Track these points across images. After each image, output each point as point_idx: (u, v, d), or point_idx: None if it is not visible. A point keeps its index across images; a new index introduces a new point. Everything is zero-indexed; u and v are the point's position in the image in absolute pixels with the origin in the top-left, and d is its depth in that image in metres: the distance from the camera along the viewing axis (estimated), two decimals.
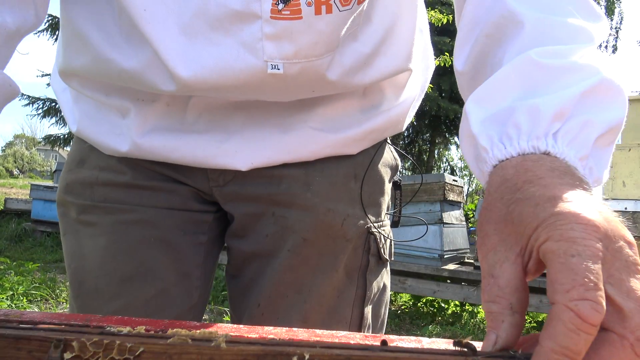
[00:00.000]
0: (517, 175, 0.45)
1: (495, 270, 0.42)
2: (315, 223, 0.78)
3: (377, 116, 0.81)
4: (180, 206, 0.80)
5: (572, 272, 0.36)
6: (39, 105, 12.85)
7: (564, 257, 0.37)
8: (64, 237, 0.84)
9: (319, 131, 0.77)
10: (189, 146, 0.75)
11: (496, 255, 0.42)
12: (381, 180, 0.86)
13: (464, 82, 0.67)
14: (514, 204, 0.43)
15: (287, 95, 0.72)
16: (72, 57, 0.73)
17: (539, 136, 0.48)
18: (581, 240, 0.37)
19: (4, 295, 4.17)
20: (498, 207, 0.44)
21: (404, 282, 4.56)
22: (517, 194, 0.43)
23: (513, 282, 0.41)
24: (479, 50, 0.63)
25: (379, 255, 0.84)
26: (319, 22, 0.63)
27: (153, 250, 0.78)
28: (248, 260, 0.83)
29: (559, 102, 0.48)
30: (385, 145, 0.88)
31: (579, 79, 0.50)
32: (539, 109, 0.48)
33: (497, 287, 0.41)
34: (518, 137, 0.48)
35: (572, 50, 0.53)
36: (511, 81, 0.52)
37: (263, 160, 0.76)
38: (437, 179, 4.49)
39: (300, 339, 0.53)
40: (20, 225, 7.55)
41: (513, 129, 0.49)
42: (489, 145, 0.50)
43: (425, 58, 0.90)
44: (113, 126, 0.78)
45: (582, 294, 0.35)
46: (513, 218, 0.42)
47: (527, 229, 0.41)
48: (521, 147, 0.48)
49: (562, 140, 0.48)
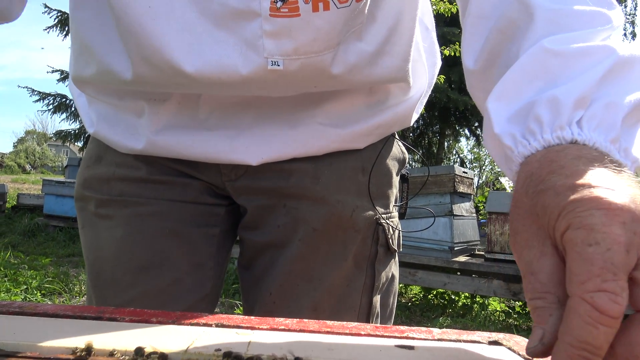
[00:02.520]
0: (541, 168, 0.44)
1: (533, 267, 0.41)
2: (325, 214, 0.80)
3: (383, 112, 0.82)
4: (194, 199, 0.83)
5: (588, 262, 0.35)
6: (50, 101, 12.95)
7: (580, 246, 0.36)
8: (82, 230, 0.87)
9: (326, 126, 0.79)
10: (202, 143, 0.77)
11: (531, 251, 0.42)
12: (389, 173, 0.87)
13: (474, 80, 0.66)
14: (537, 196, 0.42)
15: (288, 90, 0.73)
16: (82, 67, 0.75)
17: (562, 126, 0.47)
18: (600, 227, 0.36)
19: (18, 289, 4.22)
20: (524, 202, 0.44)
21: (414, 274, 4.56)
22: (540, 185, 0.43)
23: (555, 275, 0.40)
24: (491, 47, 0.62)
25: (387, 246, 0.85)
26: (317, 19, 0.64)
27: (167, 241, 0.80)
28: (260, 251, 0.85)
29: (579, 89, 0.48)
30: (393, 140, 0.89)
31: (596, 61, 0.49)
32: (558, 99, 0.48)
33: (540, 283, 0.40)
34: (541, 131, 0.48)
35: (586, 34, 0.52)
36: (527, 74, 0.52)
37: (273, 155, 0.78)
38: (447, 170, 4.48)
39: (312, 330, 0.53)
40: (33, 220, 7.63)
41: (535, 123, 0.48)
42: (513, 144, 0.49)
43: (432, 55, 0.90)
44: (128, 126, 0.81)
45: (598, 285, 0.34)
46: (537, 211, 0.42)
47: (550, 219, 0.40)
48: (545, 140, 0.47)
49: (587, 126, 0.47)
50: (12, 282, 4.43)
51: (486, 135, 0.55)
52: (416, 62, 0.83)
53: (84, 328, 0.48)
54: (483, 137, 0.57)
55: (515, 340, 0.54)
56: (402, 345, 0.49)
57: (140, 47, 0.65)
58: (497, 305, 4.64)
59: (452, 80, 11.62)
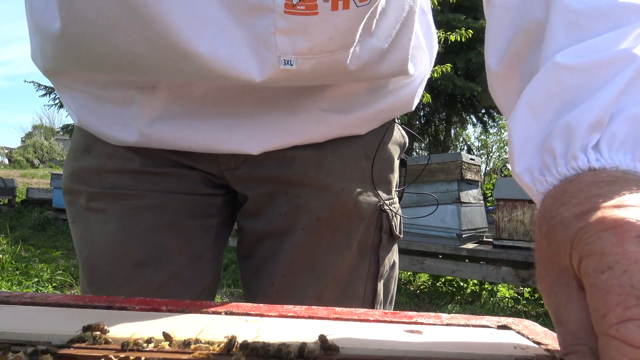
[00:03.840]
0: (554, 203, 0.40)
1: (561, 316, 0.37)
2: (329, 202, 0.79)
3: (385, 97, 0.81)
4: (190, 190, 0.81)
5: (605, 292, 0.31)
6: (56, 95, 12.98)
7: (594, 275, 0.32)
8: (73, 224, 0.84)
9: (327, 112, 0.77)
10: (200, 133, 0.75)
11: (557, 298, 0.38)
12: (391, 158, 0.86)
13: (496, 82, 0.61)
14: (549, 233, 0.38)
15: (295, 85, 0.71)
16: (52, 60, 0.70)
17: (575, 155, 0.42)
18: (611, 249, 0.32)
19: (29, 282, 4.27)
20: (540, 244, 0.40)
21: (422, 262, 4.56)
22: (550, 221, 0.39)
23: (586, 321, 0.35)
24: (516, 48, 0.56)
25: (390, 232, 0.85)
26: (336, 17, 0.61)
27: (164, 234, 0.78)
28: (261, 239, 0.83)
29: (593, 110, 0.43)
30: (394, 124, 0.88)
31: (614, 73, 0.44)
32: (570, 125, 0.43)
33: (570, 334, 0.36)
34: (555, 164, 0.44)
35: (610, 39, 0.46)
36: (542, 98, 0.47)
37: (274, 144, 0.76)
38: (454, 157, 4.46)
39: (320, 316, 0.53)
40: (43, 214, 7.70)
41: (549, 156, 0.44)
42: (531, 182, 0.46)
43: (429, 38, 0.88)
44: (116, 117, 0.77)
45: (621, 315, 0.30)
46: (553, 250, 0.38)
47: (565, 256, 0.36)
48: (560, 173, 0.43)
49: (607, 148, 0.42)
50: (24, 275, 4.48)
51: (512, 171, 0.50)
52: (416, 47, 0.82)
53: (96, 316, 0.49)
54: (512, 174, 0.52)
55: (524, 324, 0.54)
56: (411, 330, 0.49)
57: (144, 30, 0.61)
58: (506, 292, 4.64)
59: (459, 67, 11.53)
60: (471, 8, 11.01)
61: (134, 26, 0.61)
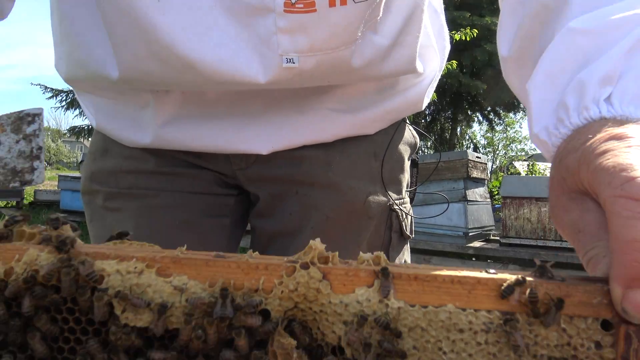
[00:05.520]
0: (566, 147, 0.45)
1: (579, 225, 0.41)
2: (338, 201, 0.80)
3: (394, 96, 0.81)
4: (204, 190, 0.83)
5: (608, 167, 0.35)
6: (63, 98, 13.07)
7: (594, 160, 0.36)
8: (90, 223, 0.87)
9: (336, 112, 0.78)
10: (211, 134, 0.77)
11: (572, 214, 0.42)
12: (401, 158, 0.87)
13: (509, 68, 0.65)
14: (560, 164, 0.43)
15: (300, 85, 0.72)
16: (75, 67, 0.74)
17: (587, 106, 0.46)
18: (610, 145, 0.36)
19: None
20: (553, 178, 0.45)
21: (428, 260, 4.56)
22: (563, 154, 0.44)
23: (602, 227, 0.39)
24: (524, 33, 0.60)
25: (400, 232, 0.85)
26: (334, 14, 0.63)
27: (178, 233, 0.80)
28: (272, 239, 0.85)
29: (603, 67, 0.47)
30: (404, 124, 0.89)
31: (623, 34, 0.48)
32: (582, 81, 0.47)
33: (589, 236, 0.40)
34: (568, 117, 0.47)
35: (623, 5, 0.50)
36: (558, 62, 0.51)
37: (283, 143, 0.78)
38: (460, 156, 4.46)
39: None
40: None
41: (563, 111, 0.48)
42: (547, 137, 0.49)
43: (441, 38, 0.89)
44: (132, 119, 0.80)
45: (624, 178, 0.33)
46: (564, 175, 0.42)
47: (575, 174, 0.40)
48: (573, 123, 0.47)
49: (619, 101, 0.46)
50: None
51: (530, 134, 0.54)
52: (426, 47, 0.82)
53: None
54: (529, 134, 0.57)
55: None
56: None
57: (149, 41, 0.63)
58: None
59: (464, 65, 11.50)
60: (476, 5, 10.98)
61: (139, 41, 0.63)
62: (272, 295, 0.44)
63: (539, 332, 0.43)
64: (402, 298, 0.45)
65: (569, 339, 0.43)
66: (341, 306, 0.44)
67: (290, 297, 0.44)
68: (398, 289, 0.45)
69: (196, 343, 0.42)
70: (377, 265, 0.46)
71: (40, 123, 0.53)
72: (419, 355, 0.44)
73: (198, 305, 0.42)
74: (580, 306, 0.42)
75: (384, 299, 0.44)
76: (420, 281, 0.45)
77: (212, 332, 0.42)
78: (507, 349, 0.43)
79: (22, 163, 0.53)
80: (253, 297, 0.43)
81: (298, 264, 0.45)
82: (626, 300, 0.36)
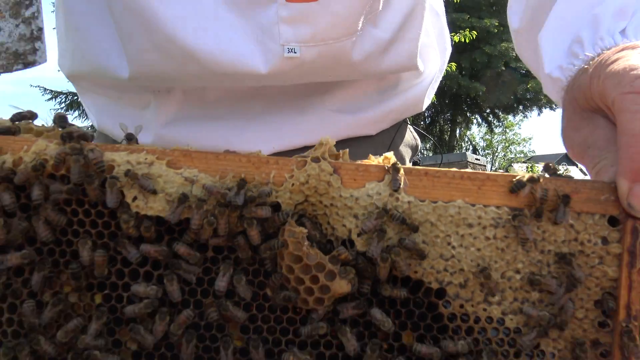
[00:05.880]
0: (576, 78, 0.47)
1: (588, 141, 0.42)
2: None
3: (394, 97, 0.81)
4: None
5: (618, 74, 0.36)
6: (62, 99, 13.08)
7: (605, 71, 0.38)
8: None
9: (337, 113, 0.78)
10: (211, 135, 0.77)
11: (584, 131, 0.43)
12: (402, 160, 0.87)
13: (521, 40, 0.66)
14: (574, 85, 0.45)
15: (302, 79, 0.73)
16: (79, 63, 0.75)
17: (602, 37, 0.47)
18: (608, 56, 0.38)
19: None
20: (566, 101, 0.47)
21: None
22: (575, 78, 0.46)
23: (612, 141, 0.40)
24: (535, 2, 0.61)
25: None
26: (335, 3, 0.63)
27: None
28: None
29: (617, 2, 0.48)
30: (406, 126, 0.89)
31: None
32: (597, 15, 0.48)
33: (598, 150, 0.41)
34: (583, 50, 0.48)
35: None
36: (571, 3, 0.52)
37: (284, 144, 0.77)
38: (459, 158, 4.49)
39: None
40: None
41: (577, 45, 0.49)
42: (560, 74, 0.50)
43: (442, 40, 0.90)
44: (133, 120, 0.80)
45: (634, 75, 0.35)
46: (575, 95, 0.44)
47: (586, 91, 0.41)
48: (587, 56, 0.48)
49: (633, 34, 0.46)
50: None
51: (542, 82, 0.55)
52: (427, 47, 0.83)
53: None
54: (542, 86, 0.59)
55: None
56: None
57: (151, 33, 0.63)
58: None
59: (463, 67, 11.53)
60: (475, 8, 11.01)
61: (143, 33, 0.64)
62: (282, 189, 0.44)
63: (547, 228, 0.44)
64: (412, 193, 0.45)
65: (577, 235, 0.43)
66: (352, 199, 0.44)
67: (301, 190, 0.44)
68: (408, 184, 0.45)
69: (208, 230, 0.42)
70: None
71: (38, 5, 0.54)
72: (428, 250, 0.44)
73: (214, 192, 0.42)
74: (588, 202, 0.42)
75: (394, 192, 0.45)
76: (430, 177, 0.45)
77: (223, 222, 0.42)
78: (515, 245, 0.44)
79: (24, 45, 0.53)
80: (264, 188, 0.44)
81: (309, 158, 0.46)
82: (632, 194, 0.36)
